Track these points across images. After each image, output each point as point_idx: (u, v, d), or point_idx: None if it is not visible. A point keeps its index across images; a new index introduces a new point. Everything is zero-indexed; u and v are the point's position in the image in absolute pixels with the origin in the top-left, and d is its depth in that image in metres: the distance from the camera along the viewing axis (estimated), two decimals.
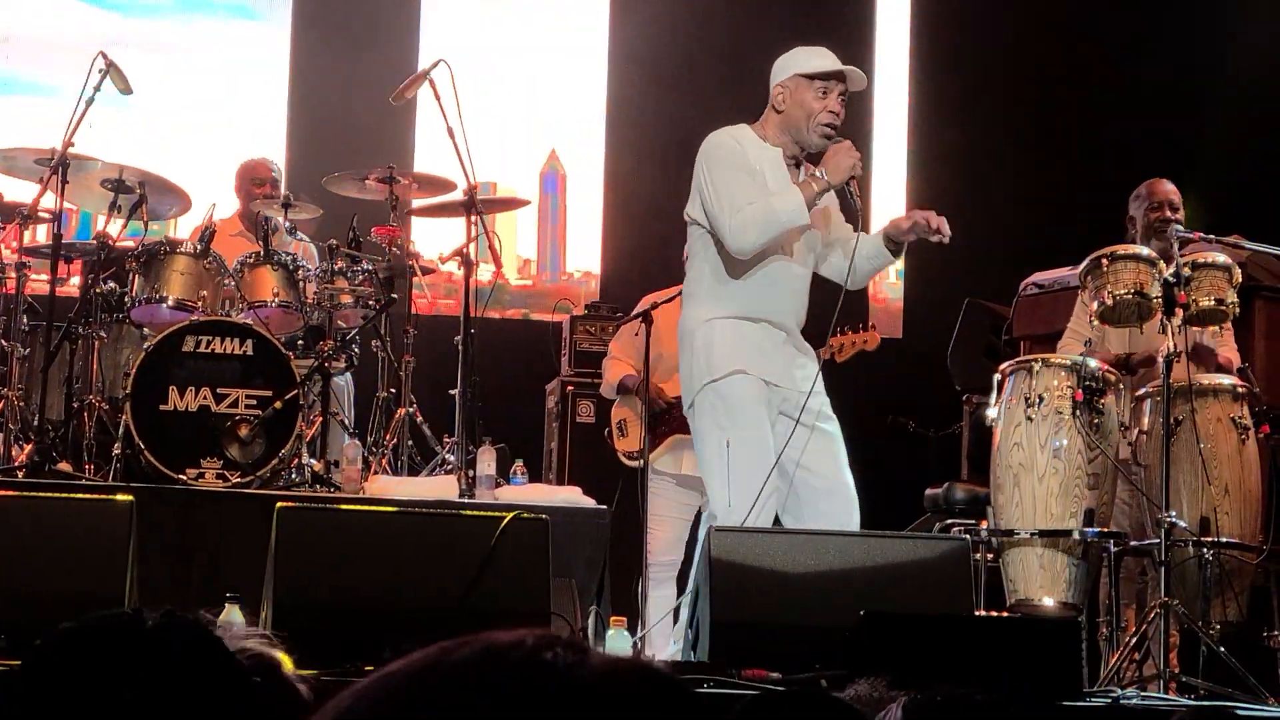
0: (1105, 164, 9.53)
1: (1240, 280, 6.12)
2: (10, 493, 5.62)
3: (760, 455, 5.50)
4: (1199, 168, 9.34)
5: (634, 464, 7.41)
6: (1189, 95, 10.00)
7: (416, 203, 7.64)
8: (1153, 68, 10.11)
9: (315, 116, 9.86)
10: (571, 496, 6.73)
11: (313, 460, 6.74)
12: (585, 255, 10.50)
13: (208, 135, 9.75)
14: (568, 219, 10.45)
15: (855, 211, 5.63)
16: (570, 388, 8.48)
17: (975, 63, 10.27)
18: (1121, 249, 6.19)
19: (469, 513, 5.86)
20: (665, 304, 7.25)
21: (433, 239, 9.20)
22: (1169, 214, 6.80)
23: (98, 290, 6.89)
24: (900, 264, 8.69)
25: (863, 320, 7.42)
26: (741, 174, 5.57)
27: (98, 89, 6.90)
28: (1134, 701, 5.11)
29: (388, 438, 7.24)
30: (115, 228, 7.04)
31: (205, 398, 6.53)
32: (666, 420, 7.26)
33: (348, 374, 7.62)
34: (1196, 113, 9.92)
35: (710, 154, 5.64)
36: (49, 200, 6.83)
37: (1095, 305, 6.14)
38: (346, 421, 7.40)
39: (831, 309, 5.81)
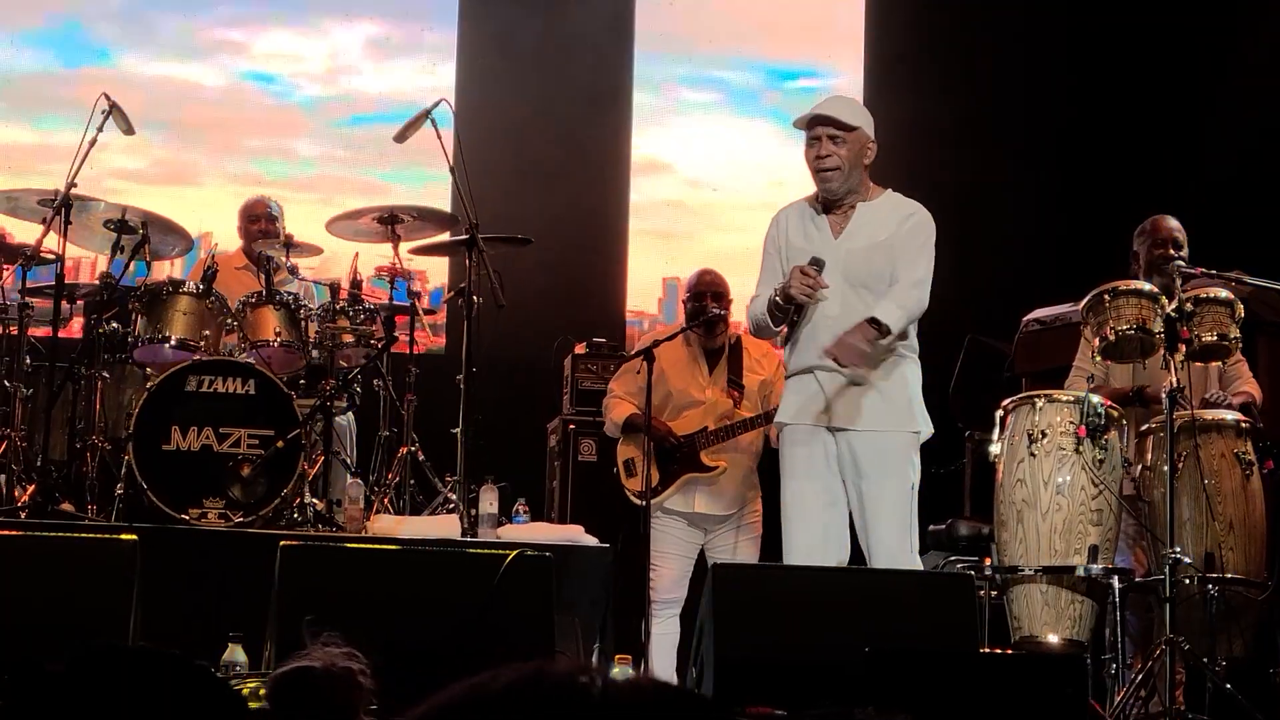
0: (1107, 200, 9.54)
1: (1243, 315, 6.12)
2: (14, 533, 5.61)
3: (793, 501, 5.83)
4: (1200, 204, 9.35)
5: (641, 504, 7.37)
6: (1190, 131, 10.01)
7: (418, 241, 7.64)
8: (1154, 103, 10.12)
9: None
10: (574, 535, 6.72)
11: (315, 499, 6.72)
12: (643, 295, 10.45)
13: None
14: (629, 259, 10.37)
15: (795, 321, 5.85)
16: (572, 426, 8.46)
17: (974, 98, 10.29)
18: (1123, 284, 6.19)
19: (472, 551, 5.85)
20: (667, 341, 7.24)
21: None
22: (1172, 251, 6.79)
23: (100, 331, 6.89)
24: None
25: None
26: (766, 259, 6.02)
27: (100, 129, 6.92)
28: None
29: (390, 476, 7.23)
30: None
31: (208, 437, 6.53)
32: (677, 459, 7.23)
33: (350, 413, 7.62)
34: (1198, 148, 9.93)
35: None
36: (52, 241, 6.85)
37: (1098, 341, 6.14)
38: (348, 460, 7.39)
39: None
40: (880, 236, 5.86)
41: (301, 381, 7.27)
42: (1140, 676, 5.67)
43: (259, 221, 8.13)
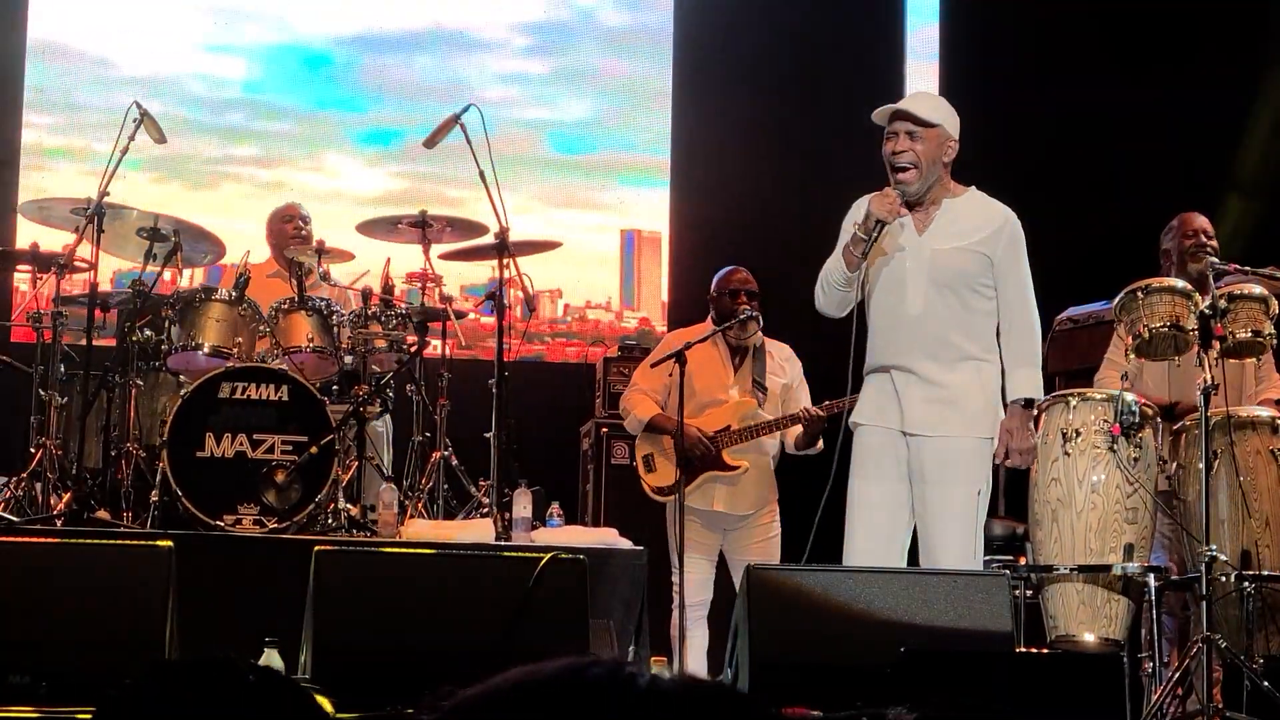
0: (1138, 197, 9.50)
1: (1277, 311, 6.09)
2: (50, 540, 5.64)
3: (858, 501, 5.74)
4: (1233, 200, 9.31)
5: (661, 499, 7.39)
6: (1222, 127, 9.98)
7: (448, 246, 7.65)
8: (1185, 100, 10.08)
9: None
10: (608, 538, 6.72)
11: (349, 505, 6.74)
12: None
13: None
14: None
15: (866, 253, 5.66)
16: (604, 429, 8.48)
17: (1004, 96, 10.26)
18: (1156, 282, 6.16)
19: (506, 555, 5.86)
20: (698, 343, 7.25)
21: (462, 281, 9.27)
22: (1203, 239, 6.79)
23: (134, 338, 6.91)
24: None
25: None
26: (843, 235, 5.79)
27: (132, 139, 6.95)
28: None
29: (423, 481, 7.24)
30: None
31: (242, 444, 6.55)
32: (700, 457, 7.23)
33: (383, 418, 7.64)
34: (1229, 145, 9.89)
35: None
36: (85, 250, 6.88)
37: (1131, 339, 6.11)
38: (382, 465, 7.41)
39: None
40: (966, 240, 5.73)
41: (334, 387, 7.30)
42: (1177, 675, 5.65)
43: (293, 222, 8.16)
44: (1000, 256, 5.75)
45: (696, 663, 7.08)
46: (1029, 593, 6.14)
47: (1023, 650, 5.61)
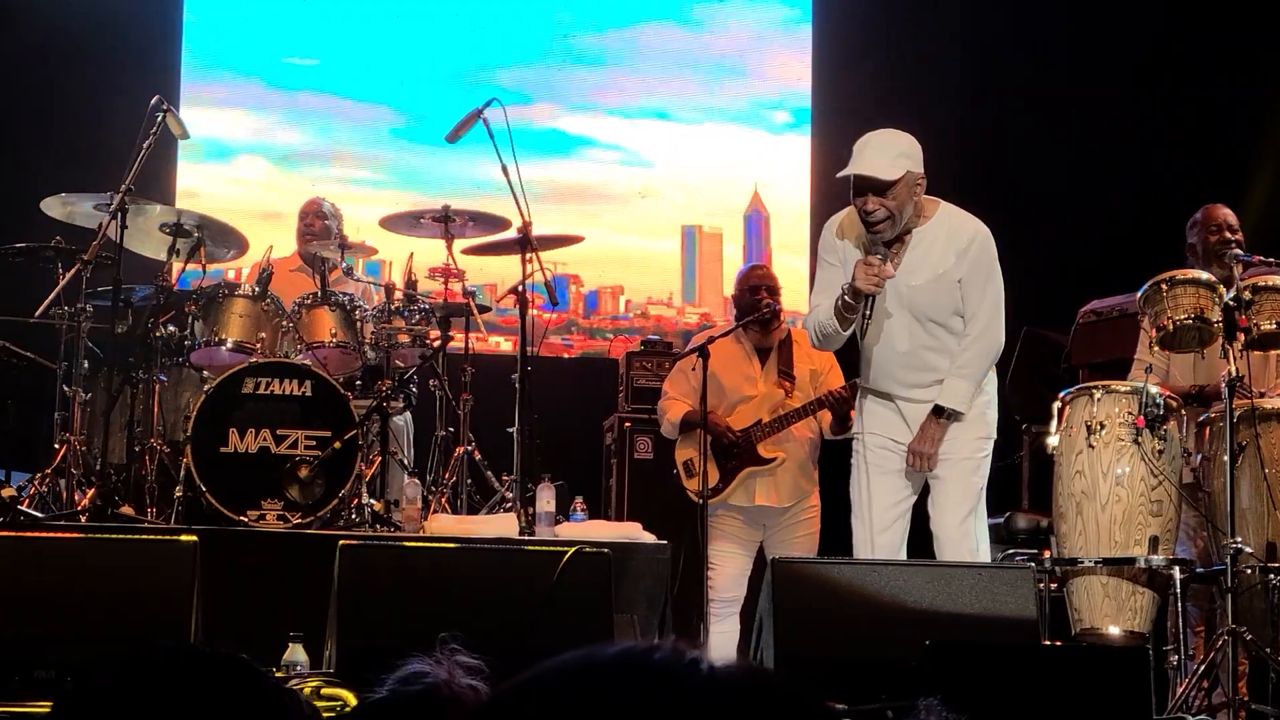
0: (1162, 189, 9.48)
1: None
2: (75, 536, 5.65)
3: (862, 498, 5.87)
4: (1257, 192, 9.28)
5: (701, 502, 7.37)
6: (1246, 118, 9.94)
7: (471, 241, 7.65)
8: (1209, 93, 10.05)
9: None
10: (631, 532, 6.71)
11: (372, 500, 6.74)
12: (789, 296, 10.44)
13: None
14: (773, 260, 10.32)
15: (864, 325, 5.77)
16: (628, 424, 8.46)
17: (1029, 89, 10.24)
18: (1180, 274, 6.14)
19: (530, 549, 5.86)
20: (721, 338, 7.23)
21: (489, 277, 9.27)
22: (1228, 234, 6.77)
23: (158, 334, 6.92)
24: None
25: None
26: (823, 267, 5.93)
27: (155, 134, 6.95)
28: None
29: (447, 476, 7.24)
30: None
31: (265, 439, 6.56)
32: (737, 454, 7.22)
33: (406, 413, 7.64)
34: (1254, 136, 9.85)
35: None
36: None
37: (1155, 331, 6.09)
38: (405, 461, 7.41)
39: None
40: (940, 269, 5.77)
41: (358, 382, 7.30)
42: (1202, 667, 5.63)
43: (306, 218, 8.19)
44: (967, 275, 5.79)
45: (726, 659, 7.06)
46: (1054, 586, 6.13)
47: (1048, 643, 5.60)
